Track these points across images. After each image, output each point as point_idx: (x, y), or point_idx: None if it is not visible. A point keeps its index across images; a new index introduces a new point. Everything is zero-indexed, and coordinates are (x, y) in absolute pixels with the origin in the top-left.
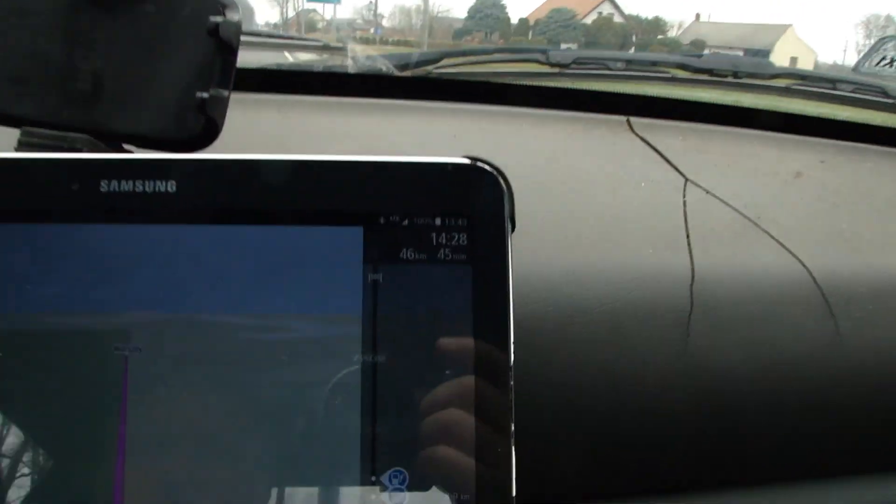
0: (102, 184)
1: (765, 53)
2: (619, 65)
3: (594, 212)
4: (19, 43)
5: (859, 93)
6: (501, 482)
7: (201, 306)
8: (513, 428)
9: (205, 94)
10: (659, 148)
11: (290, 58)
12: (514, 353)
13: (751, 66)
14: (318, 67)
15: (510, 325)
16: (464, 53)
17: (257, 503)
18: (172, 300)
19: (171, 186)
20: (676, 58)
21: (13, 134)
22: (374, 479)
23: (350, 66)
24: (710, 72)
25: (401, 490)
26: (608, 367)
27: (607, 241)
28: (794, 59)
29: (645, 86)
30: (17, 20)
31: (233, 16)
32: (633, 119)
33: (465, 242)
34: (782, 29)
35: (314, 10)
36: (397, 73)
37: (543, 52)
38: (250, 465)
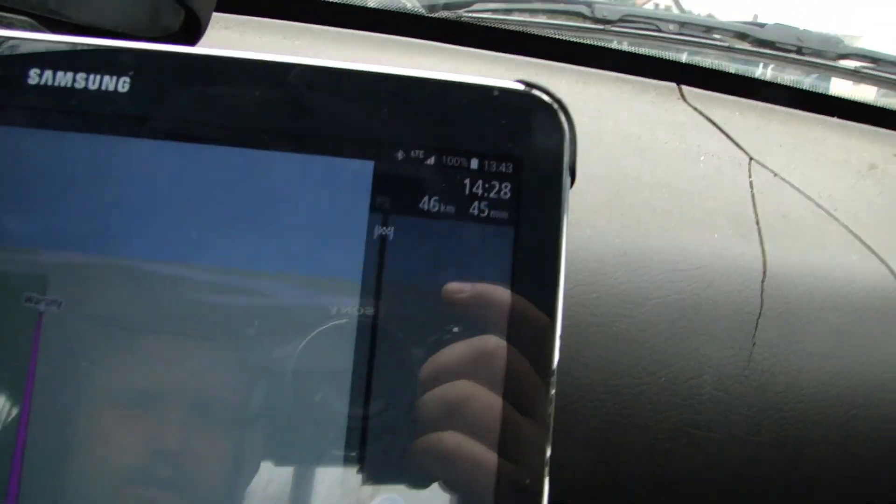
0: (31, 74)
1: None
2: (672, 27)
3: (649, 184)
4: None
5: None
6: (530, 487)
7: (146, 251)
8: (552, 419)
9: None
10: (715, 121)
11: None
12: (559, 349)
13: (818, 43)
14: None
15: (558, 314)
16: None
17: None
18: (108, 240)
19: (124, 85)
20: (737, 25)
21: None
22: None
23: (370, 1)
24: (772, 44)
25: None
26: (657, 372)
27: (665, 219)
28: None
29: (695, 54)
30: None
31: None
32: (685, 88)
33: (509, 195)
34: None
35: None
36: (424, 13)
37: (588, 4)
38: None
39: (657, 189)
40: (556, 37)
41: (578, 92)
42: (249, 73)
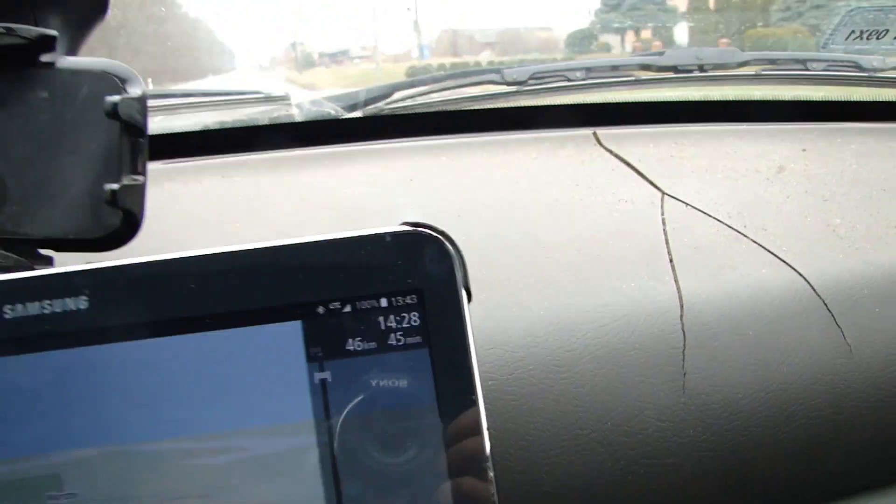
0: (6, 310)
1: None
2: (579, 74)
3: (569, 244)
4: None
5: (833, 70)
6: None
7: (135, 435)
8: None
9: (114, 186)
10: (631, 159)
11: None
12: (488, 437)
13: (716, 57)
14: (263, 121)
15: (481, 409)
16: (413, 84)
17: None
18: (102, 432)
19: (82, 303)
20: (637, 59)
21: None
22: None
23: (296, 115)
24: (674, 69)
25: None
26: (603, 419)
27: (586, 276)
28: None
29: (608, 93)
30: None
31: (134, 90)
32: (599, 131)
33: (418, 322)
34: None
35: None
36: (345, 114)
37: (497, 70)
38: None
39: (575, 248)
40: (473, 108)
41: (499, 162)
42: (181, 271)
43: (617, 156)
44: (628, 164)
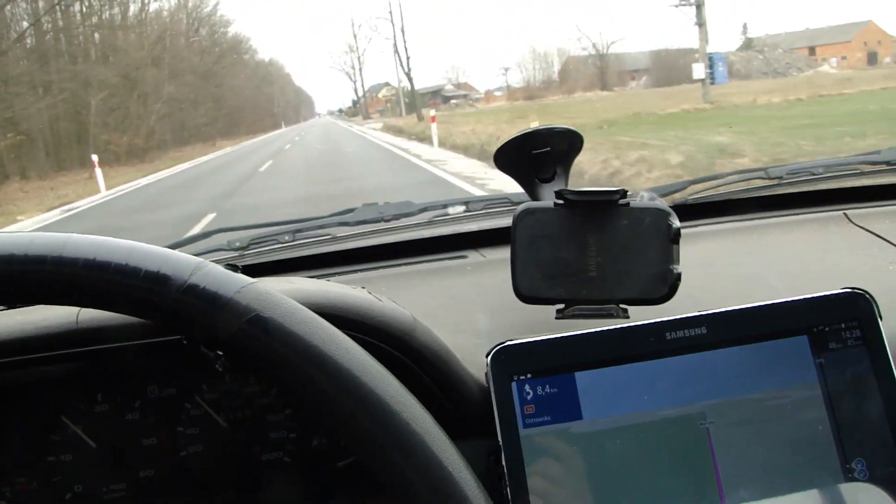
0: (667, 335)
1: None
2: (821, 170)
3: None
4: (548, 254)
5: None
6: None
7: (735, 392)
8: None
9: (675, 268)
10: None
11: None
12: None
13: None
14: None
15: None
16: (703, 180)
17: None
18: (721, 391)
19: (703, 329)
20: (874, 157)
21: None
22: (848, 466)
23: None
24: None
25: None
26: None
27: None
28: None
29: (852, 180)
30: (545, 241)
31: (674, 221)
32: (848, 211)
33: (860, 335)
34: None
35: None
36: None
37: (764, 169)
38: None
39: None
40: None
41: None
42: (744, 314)
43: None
44: (878, 236)
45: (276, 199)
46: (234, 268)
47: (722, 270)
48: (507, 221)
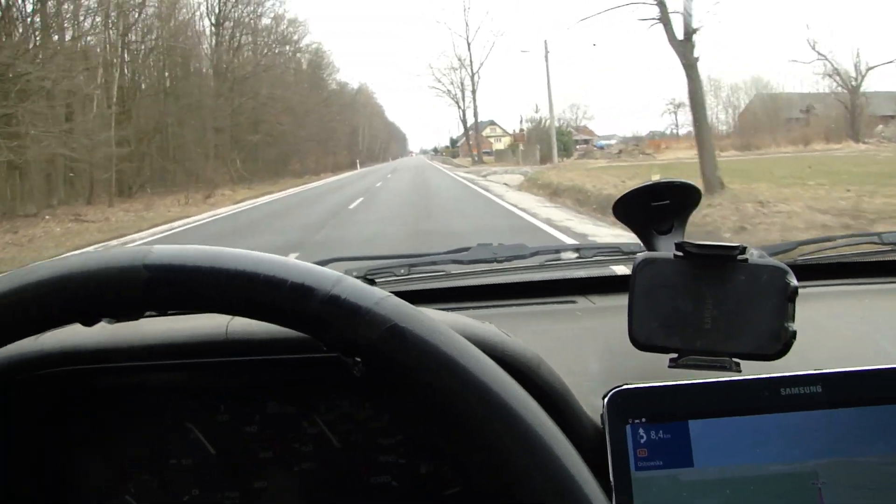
0: (782, 390)
1: None
2: None
3: None
4: (665, 304)
5: None
6: None
7: (851, 453)
8: None
9: (791, 327)
10: None
11: None
12: None
13: None
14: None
15: None
16: (813, 241)
17: None
18: (836, 451)
19: (819, 388)
20: None
21: None
22: None
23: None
24: None
25: None
26: None
27: None
28: None
29: None
30: (663, 290)
31: (791, 280)
32: None
33: None
34: None
35: None
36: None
37: (878, 234)
38: None
39: None
40: (861, 261)
41: None
42: (877, 376)
43: None
44: None
45: None
46: (370, 282)
47: (832, 332)
48: (617, 270)
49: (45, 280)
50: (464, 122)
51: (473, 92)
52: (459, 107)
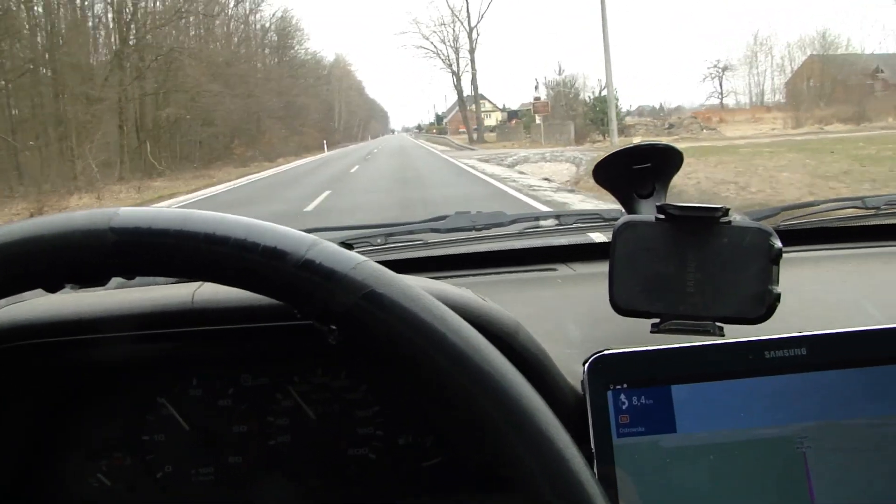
0: (766, 353)
1: None
2: None
3: None
4: (647, 268)
5: None
6: None
7: (835, 416)
8: None
9: (775, 289)
10: None
11: None
12: None
13: None
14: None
15: None
16: (796, 206)
17: None
18: (820, 414)
19: (803, 350)
20: None
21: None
22: None
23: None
24: None
25: None
26: None
27: None
28: None
29: None
30: (645, 254)
31: (776, 242)
32: None
33: None
34: None
35: None
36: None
37: (861, 198)
38: None
39: None
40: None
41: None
42: (867, 336)
43: None
44: None
45: None
46: (347, 246)
47: (816, 296)
48: (597, 237)
49: (5, 242)
50: (458, 89)
51: (471, 52)
52: (453, 71)
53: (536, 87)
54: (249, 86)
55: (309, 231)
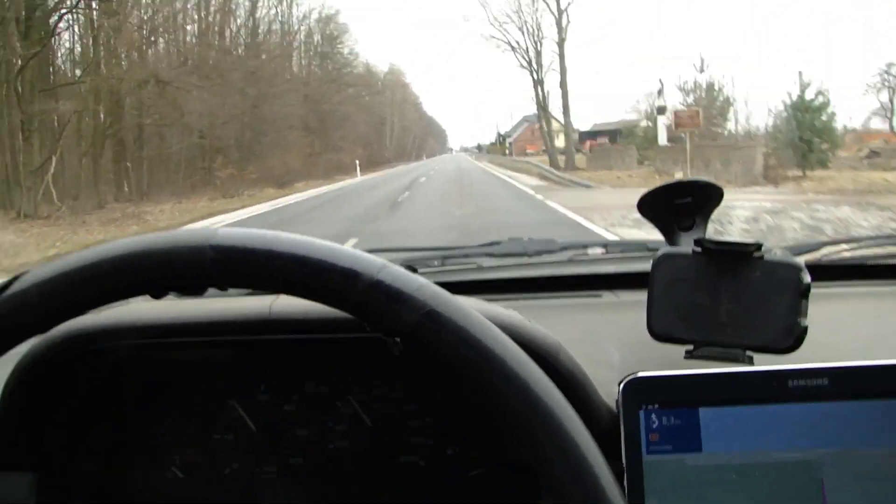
0: (789, 382)
1: None
2: None
3: None
4: (683, 297)
5: None
6: None
7: (854, 445)
8: None
9: (804, 321)
10: None
11: None
12: None
13: None
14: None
15: None
16: (838, 242)
17: None
18: (839, 442)
19: (825, 381)
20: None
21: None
22: None
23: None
24: None
25: None
26: None
27: None
28: None
29: None
30: (682, 284)
31: (805, 276)
32: None
33: None
34: None
35: None
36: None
37: None
38: None
39: None
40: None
41: None
42: (869, 372)
43: None
44: None
45: None
46: (411, 269)
47: (848, 331)
48: (642, 266)
49: (127, 254)
50: (538, 95)
51: (561, 44)
52: (532, 68)
53: (660, 93)
54: (261, 85)
55: (378, 251)
